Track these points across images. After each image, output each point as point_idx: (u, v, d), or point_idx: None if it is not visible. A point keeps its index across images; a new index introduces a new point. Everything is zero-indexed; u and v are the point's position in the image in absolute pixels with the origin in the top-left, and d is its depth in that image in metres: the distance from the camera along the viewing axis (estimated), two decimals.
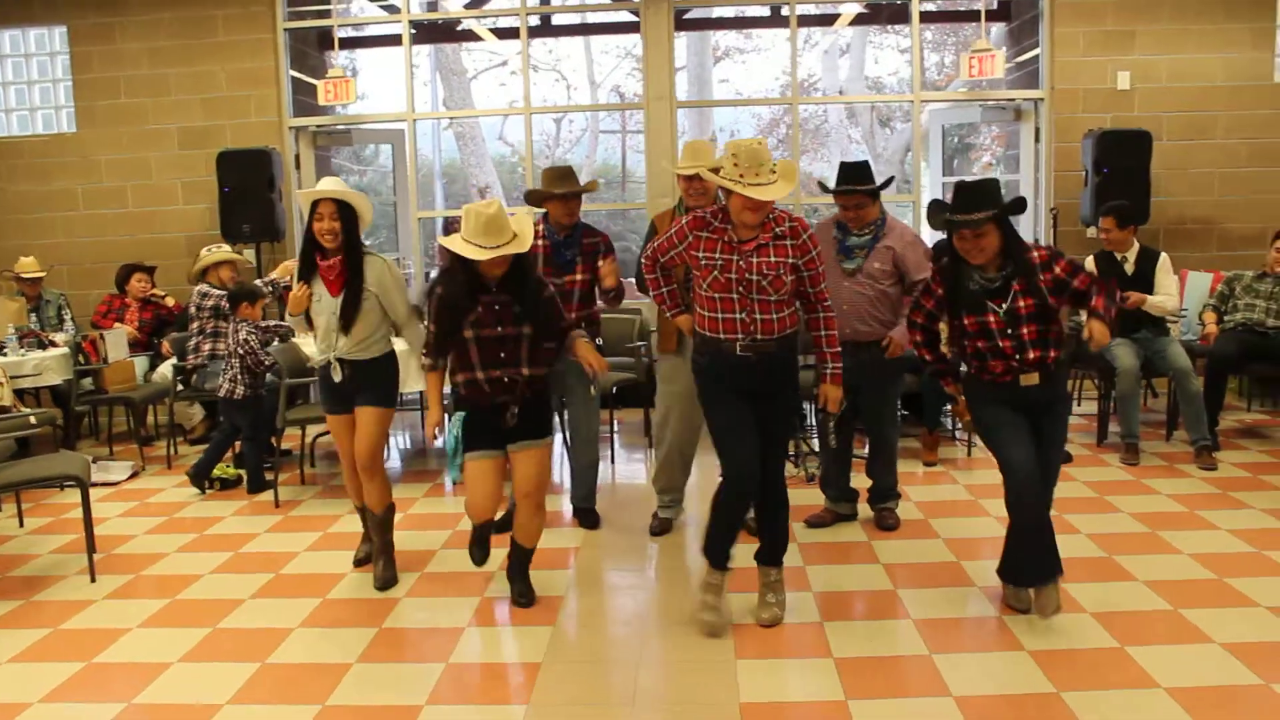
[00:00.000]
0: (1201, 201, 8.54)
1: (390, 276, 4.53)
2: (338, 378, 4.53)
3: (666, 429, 5.20)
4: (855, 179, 4.84)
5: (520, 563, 4.37)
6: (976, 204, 3.75)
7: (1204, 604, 4.06)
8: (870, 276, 4.88)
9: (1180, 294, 6.85)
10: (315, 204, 4.40)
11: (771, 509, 4.10)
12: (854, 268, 4.90)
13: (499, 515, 4.42)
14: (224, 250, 7.16)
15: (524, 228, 4.05)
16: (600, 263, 5.16)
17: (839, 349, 4.02)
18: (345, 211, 4.40)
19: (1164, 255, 6.49)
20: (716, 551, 4.03)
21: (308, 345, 5.47)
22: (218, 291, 6.84)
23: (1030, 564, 3.94)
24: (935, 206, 4.03)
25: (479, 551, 4.33)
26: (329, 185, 4.52)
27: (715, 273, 3.86)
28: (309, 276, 4.51)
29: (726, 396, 3.95)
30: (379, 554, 4.68)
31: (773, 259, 3.83)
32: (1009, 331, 3.81)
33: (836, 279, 4.82)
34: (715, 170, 3.85)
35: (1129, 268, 6.45)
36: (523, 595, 4.32)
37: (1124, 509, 5.35)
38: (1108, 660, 3.60)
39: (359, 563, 4.87)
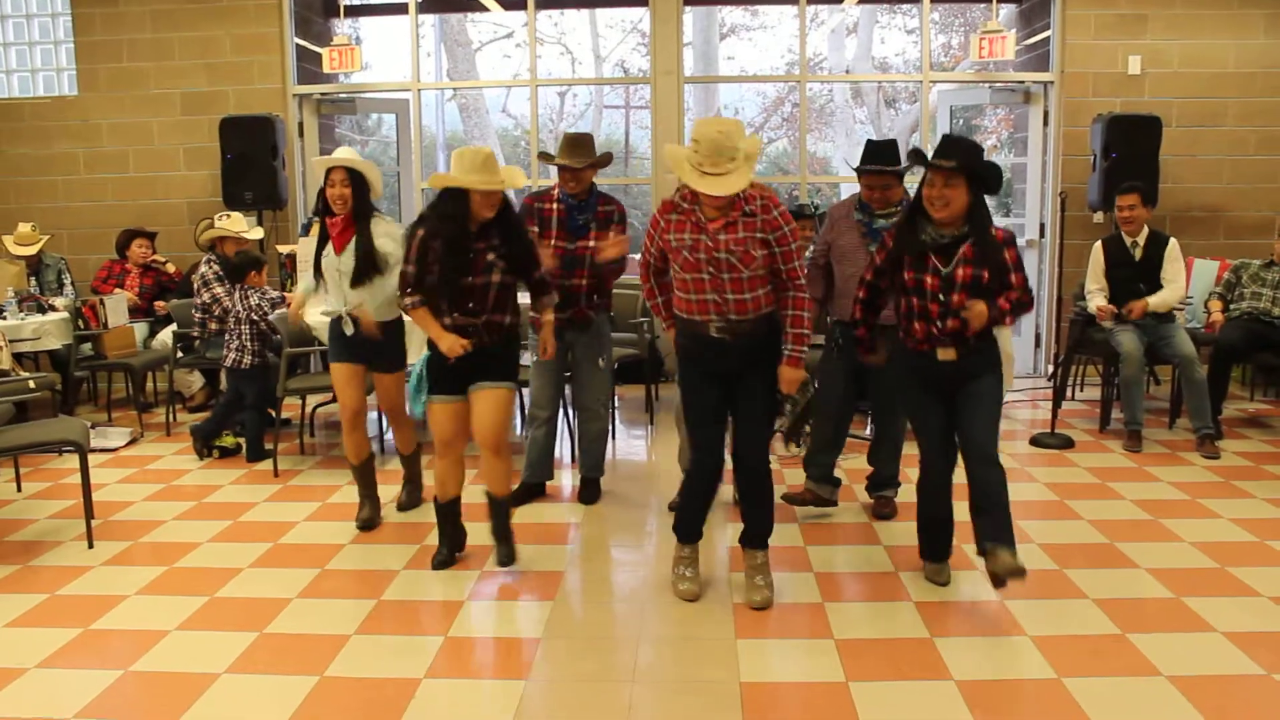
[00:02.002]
0: (1210, 189, 8.49)
1: (395, 235, 4.77)
2: (349, 331, 4.82)
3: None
4: (882, 159, 4.69)
5: (498, 518, 4.35)
6: (957, 153, 3.73)
7: (1206, 592, 4.05)
8: None
9: (1186, 281, 6.82)
10: (329, 171, 4.69)
11: (753, 492, 4.10)
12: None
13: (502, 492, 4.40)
14: (237, 220, 7.02)
15: (514, 176, 4.17)
16: (610, 232, 5.10)
17: (804, 331, 3.94)
18: (356, 179, 4.69)
19: (1173, 241, 6.45)
20: (685, 528, 4.17)
21: (310, 314, 5.44)
22: (220, 287, 6.69)
23: (934, 546, 4.18)
24: (916, 154, 4.03)
25: (445, 547, 4.46)
26: (344, 154, 4.82)
27: (685, 253, 3.83)
28: (323, 240, 4.83)
29: (699, 379, 4.00)
30: (406, 481, 5.26)
31: (740, 234, 3.78)
32: (940, 296, 3.78)
33: (863, 261, 4.58)
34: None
35: (1138, 253, 6.42)
36: (507, 556, 4.34)
37: (1126, 496, 5.34)
38: (1109, 647, 3.59)
39: (364, 526, 4.99)
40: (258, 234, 7.30)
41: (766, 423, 4.08)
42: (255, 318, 6.21)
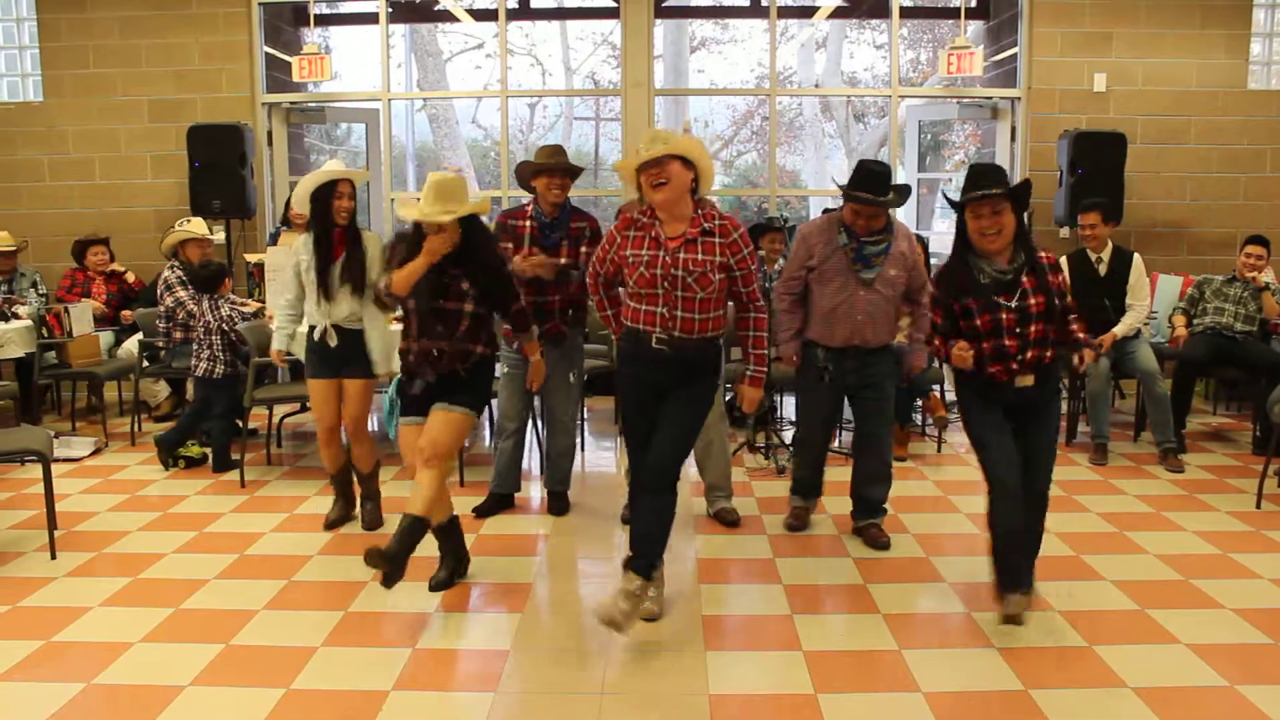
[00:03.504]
0: (1173, 205, 8.61)
1: (377, 249, 4.90)
2: (334, 342, 4.87)
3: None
4: (875, 188, 4.54)
5: (403, 536, 3.90)
6: (992, 182, 3.70)
7: (1170, 604, 4.09)
8: (887, 284, 4.66)
9: (1151, 296, 6.90)
10: (333, 185, 4.79)
11: (654, 505, 3.89)
12: (873, 277, 4.64)
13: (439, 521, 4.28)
14: (198, 224, 7.02)
15: (481, 205, 4.09)
16: (583, 249, 5.08)
17: (764, 352, 3.99)
18: (354, 190, 4.90)
19: (1137, 257, 6.53)
20: (640, 563, 3.84)
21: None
22: (183, 291, 6.66)
23: (1000, 570, 3.94)
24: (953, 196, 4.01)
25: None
26: (338, 166, 5.05)
27: (641, 268, 3.83)
28: (328, 254, 4.85)
29: (637, 392, 3.98)
30: (366, 499, 5.18)
31: (700, 256, 3.79)
32: (1017, 330, 3.74)
33: (853, 288, 4.62)
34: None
35: (1102, 268, 6.50)
36: (376, 560, 3.81)
37: (1092, 509, 5.39)
38: (1075, 659, 3.62)
39: (330, 525, 5.10)
40: (218, 238, 7.24)
41: (688, 439, 3.94)
42: (226, 328, 6.17)
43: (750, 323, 3.95)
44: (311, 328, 4.95)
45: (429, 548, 4.19)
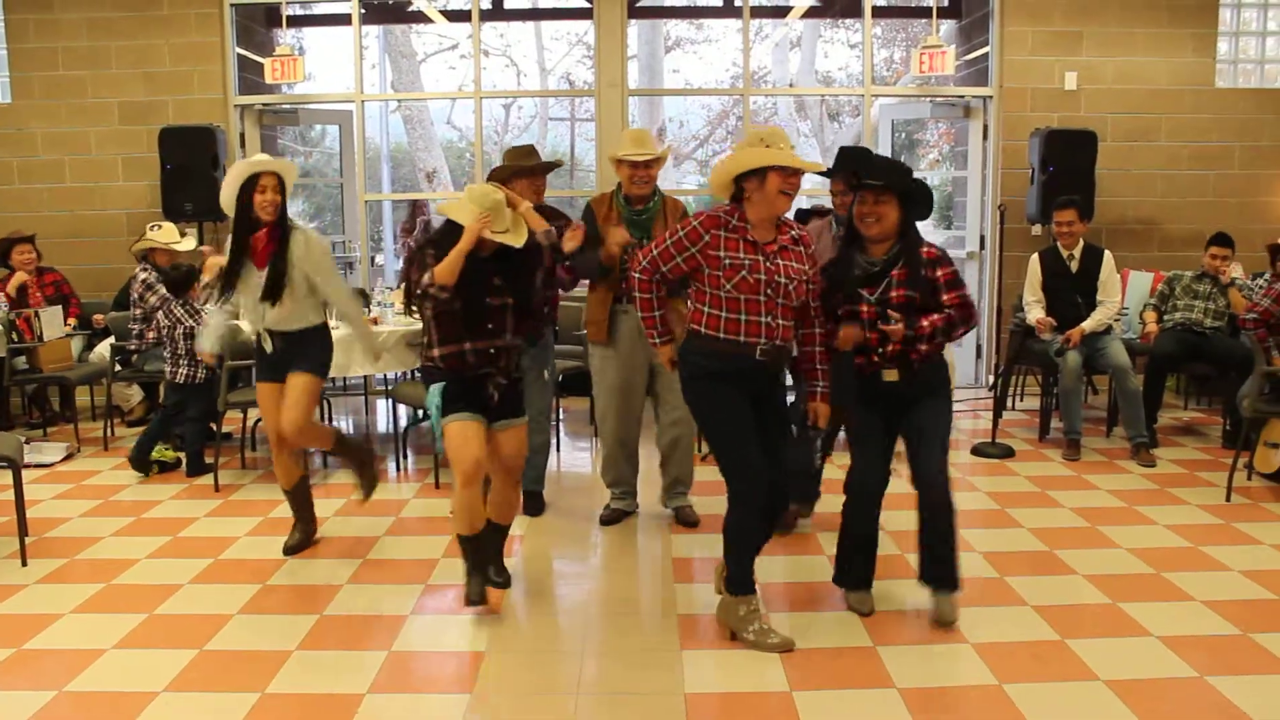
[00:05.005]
0: (1144, 202, 8.67)
1: (318, 248, 4.57)
2: (269, 349, 4.62)
3: (606, 423, 5.16)
4: (845, 166, 4.46)
5: (496, 543, 4.28)
6: (886, 174, 3.80)
7: (1141, 598, 4.12)
8: None
9: (1122, 293, 6.96)
10: (253, 178, 4.45)
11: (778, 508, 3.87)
12: None
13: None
14: (169, 230, 6.93)
15: (520, 226, 4.00)
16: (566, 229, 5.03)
17: (827, 367, 3.89)
18: (281, 183, 4.52)
19: (1108, 254, 6.59)
20: (740, 579, 3.78)
21: (248, 325, 5.37)
22: (161, 289, 6.58)
23: (857, 570, 4.05)
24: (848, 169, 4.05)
25: (475, 582, 4.01)
26: (263, 158, 4.62)
27: (744, 273, 3.62)
28: (241, 255, 4.53)
29: (733, 403, 3.70)
30: (296, 518, 4.89)
31: (794, 265, 3.71)
32: (876, 323, 3.80)
33: None
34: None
35: (1074, 265, 6.55)
36: (499, 575, 4.27)
37: (1065, 504, 5.43)
38: (1048, 652, 3.65)
39: (290, 550, 4.79)
40: (188, 244, 7.11)
41: (787, 438, 3.93)
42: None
43: (816, 337, 3.86)
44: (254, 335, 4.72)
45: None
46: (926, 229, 4.04)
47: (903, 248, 3.81)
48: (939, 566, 3.92)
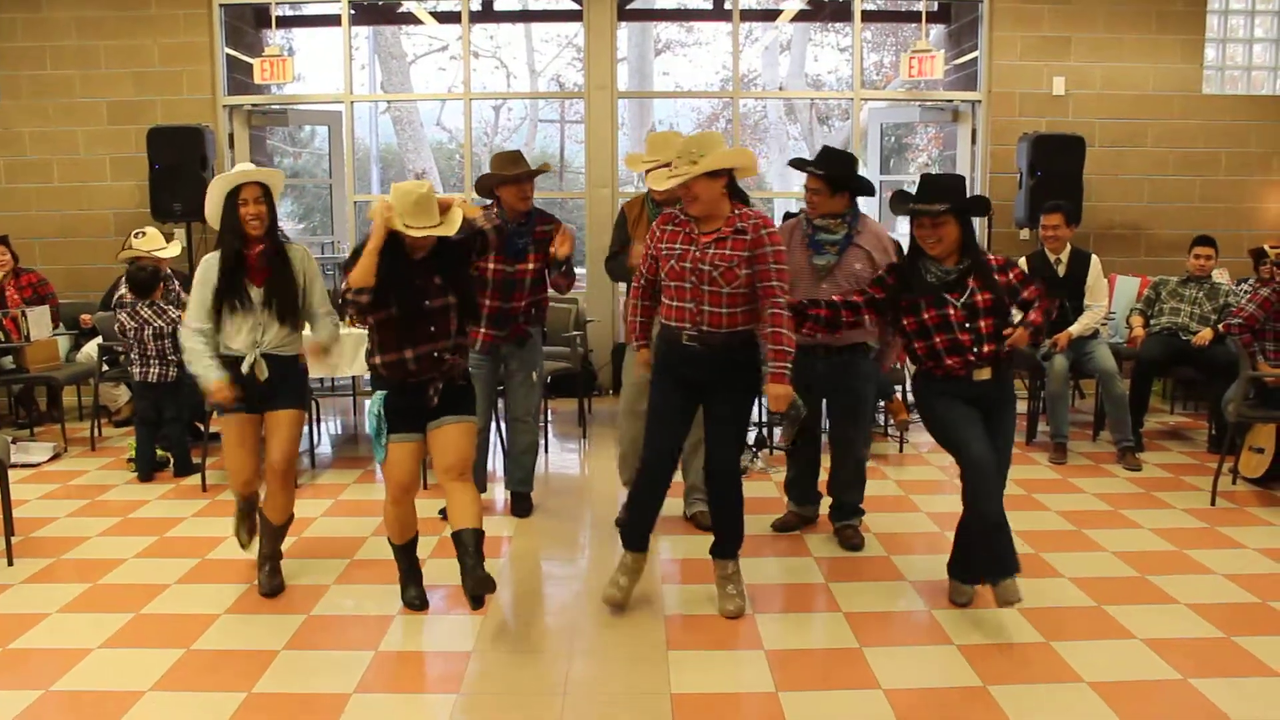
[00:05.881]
0: (1131, 207, 8.72)
1: (312, 264, 4.30)
2: (263, 376, 4.13)
3: (623, 420, 5.15)
4: (821, 161, 4.60)
5: (469, 549, 3.78)
6: (938, 195, 3.85)
7: (1126, 600, 4.15)
8: (850, 277, 4.58)
9: (1109, 297, 6.99)
10: (236, 191, 4.08)
11: (723, 499, 4.10)
12: (824, 264, 4.61)
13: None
14: (154, 237, 6.80)
15: (454, 215, 3.88)
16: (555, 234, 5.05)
17: (784, 348, 3.90)
18: (267, 194, 4.15)
19: (1095, 258, 6.63)
20: (630, 534, 4.14)
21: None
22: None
23: (987, 559, 3.88)
24: (899, 197, 4.09)
25: (410, 589, 4.17)
26: (246, 168, 4.21)
27: (673, 261, 3.95)
28: (237, 273, 4.10)
29: (669, 384, 4.05)
30: (267, 559, 4.34)
31: (727, 252, 3.87)
32: (967, 325, 3.85)
33: (811, 279, 4.60)
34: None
35: (1061, 269, 6.58)
36: (480, 585, 3.70)
37: (1051, 507, 5.45)
38: (1033, 655, 3.66)
39: (272, 593, 4.30)
40: (174, 251, 6.94)
41: (735, 431, 4.06)
42: (179, 328, 6.10)
43: (769, 319, 3.93)
44: (229, 358, 4.15)
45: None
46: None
47: (973, 262, 3.90)
48: (1000, 560, 3.84)
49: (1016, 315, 4.04)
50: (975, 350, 3.87)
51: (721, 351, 3.94)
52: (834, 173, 4.57)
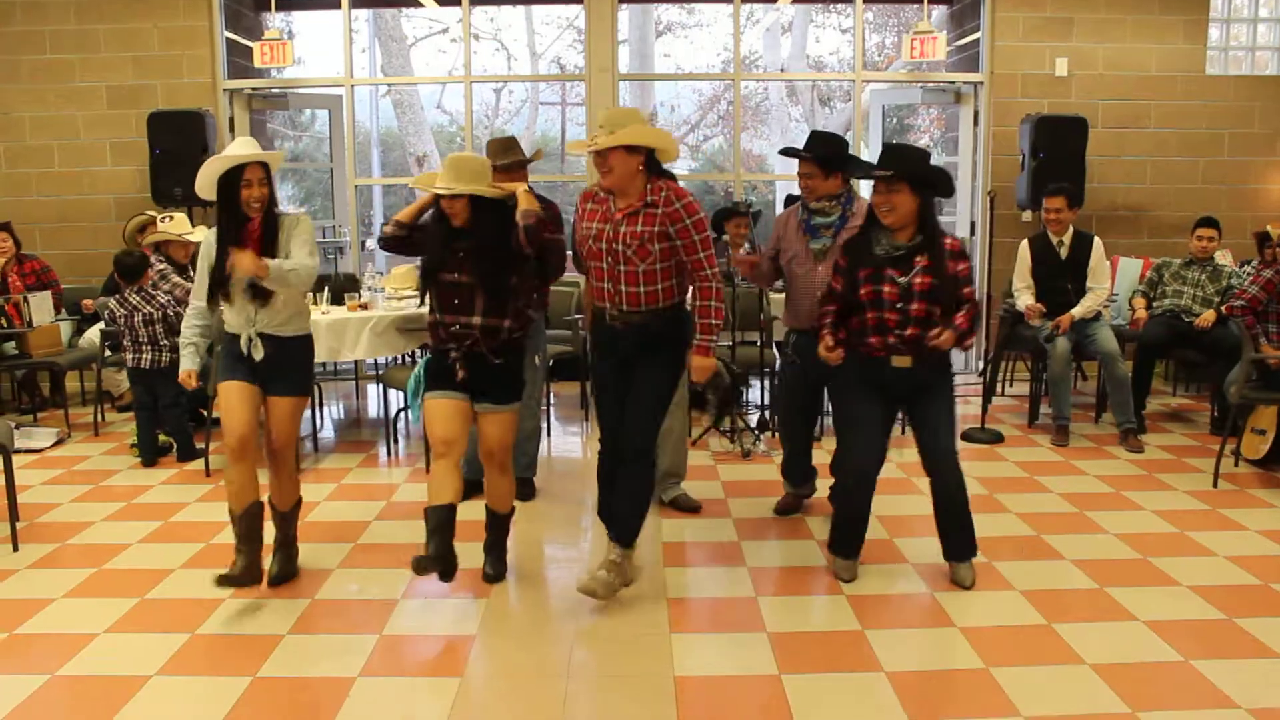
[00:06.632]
0: (1134, 189, 8.70)
1: (300, 228, 4.11)
2: (258, 356, 4.05)
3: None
4: (811, 145, 4.57)
5: (497, 532, 4.34)
6: (894, 162, 3.84)
7: (1128, 582, 4.16)
8: None
9: (1112, 279, 6.98)
10: (238, 171, 3.97)
11: (624, 480, 4.02)
12: (820, 248, 4.57)
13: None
14: (181, 221, 6.73)
15: (485, 189, 3.93)
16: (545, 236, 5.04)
17: (710, 320, 3.95)
18: (267, 174, 4.06)
19: (1097, 240, 6.62)
20: (604, 510, 4.28)
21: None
22: (178, 276, 6.50)
23: (849, 540, 4.20)
24: (855, 162, 4.13)
25: (433, 545, 3.84)
26: (243, 148, 4.05)
27: (590, 241, 4.00)
28: (226, 256, 3.97)
29: (605, 369, 4.16)
30: (280, 546, 4.30)
31: (639, 228, 3.86)
32: (898, 305, 3.84)
33: (810, 264, 4.60)
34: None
35: (1063, 251, 6.57)
36: (495, 573, 4.27)
37: (1053, 489, 5.46)
38: (1035, 637, 3.67)
39: (228, 580, 3.96)
40: (201, 234, 6.88)
41: (651, 409, 3.99)
42: (170, 313, 6.11)
43: (698, 292, 3.99)
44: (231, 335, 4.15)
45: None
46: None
47: (926, 238, 3.86)
48: (961, 542, 4.11)
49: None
50: (898, 332, 3.86)
51: (641, 330, 3.95)
52: (822, 153, 4.56)
